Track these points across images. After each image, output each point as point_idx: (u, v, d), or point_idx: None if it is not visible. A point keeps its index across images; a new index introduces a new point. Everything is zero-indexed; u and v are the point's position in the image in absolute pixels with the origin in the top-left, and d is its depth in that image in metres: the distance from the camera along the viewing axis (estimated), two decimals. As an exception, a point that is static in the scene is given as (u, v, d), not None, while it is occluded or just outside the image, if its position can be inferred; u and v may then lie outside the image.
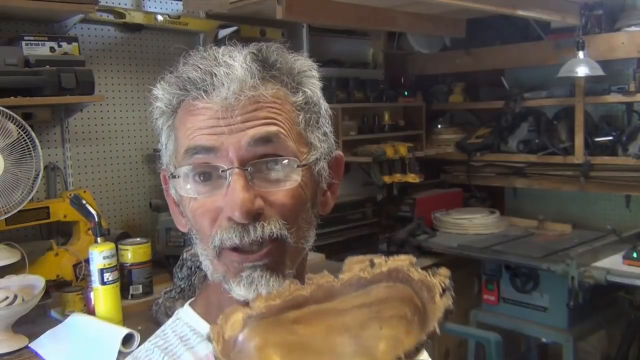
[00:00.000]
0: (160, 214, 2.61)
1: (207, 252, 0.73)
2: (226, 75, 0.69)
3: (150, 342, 0.80)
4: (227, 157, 0.69)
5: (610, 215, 3.37)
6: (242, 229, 0.69)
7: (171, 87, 0.74)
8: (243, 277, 0.71)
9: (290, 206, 0.71)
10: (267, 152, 0.70)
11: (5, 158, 1.94)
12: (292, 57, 0.76)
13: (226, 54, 0.72)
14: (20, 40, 2.19)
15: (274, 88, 0.72)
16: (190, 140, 0.70)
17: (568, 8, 3.02)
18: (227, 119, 0.68)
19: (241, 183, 0.68)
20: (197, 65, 0.72)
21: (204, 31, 2.85)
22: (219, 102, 0.69)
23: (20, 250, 2.03)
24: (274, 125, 0.70)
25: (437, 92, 3.87)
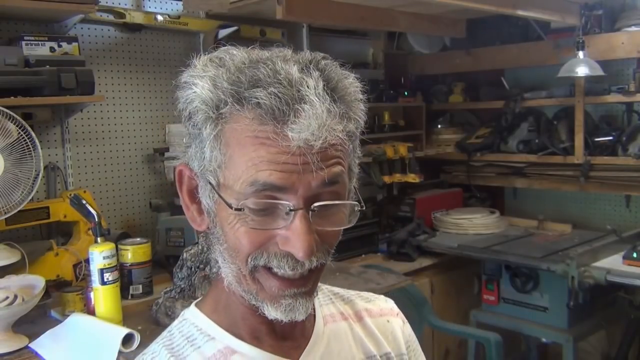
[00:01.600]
0: (160, 214, 2.61)
1: (237, 266, 0.72)
2: (312, 116, 0.64)
3: (157, 343, 0.80)
4: (295, 196, 0.66)
5: (610, 215, 3.37)
6: (296, 262, 0.69)
7: (224, 93, 0.67)
8: (283, 305, 0.71)
9: (337, 238, 0.73)
10: (331, 191, 0.69)
11: (5, 158, 1.94)
12: (344, 77, 0.71)
13: (303, 81, 0.66)
14: (20, 40, 2.19)
15: (341, 124, 0.68)
16: (259, 172, 0.66)
17: (568, 8, 3.02)
18: (302, 157, 0.65)
19: (307, 225, 0.67)
20: (274, 91, 0.65)
21: (204, 31, 2.85)
22: (297, 140, 0.64)
23: (20, 250, 2.03)
24: (340, 166, 0.69)
25: (437, 92, 3.87)
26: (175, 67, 3.13)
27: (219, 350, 0.76)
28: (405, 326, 0.95)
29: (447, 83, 3.86)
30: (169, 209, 2.63)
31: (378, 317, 0.92)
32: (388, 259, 3.10)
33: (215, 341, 0.77)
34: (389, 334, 0.91)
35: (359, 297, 0.94)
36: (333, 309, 0.88)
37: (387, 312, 0.94)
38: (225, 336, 0.77)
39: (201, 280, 1.88)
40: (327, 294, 0.91)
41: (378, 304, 0.95)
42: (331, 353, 0.82)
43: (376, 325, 0.90)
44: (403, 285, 2.45)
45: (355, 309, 0.91)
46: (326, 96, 0.66)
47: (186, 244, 2.22)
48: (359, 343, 0.86)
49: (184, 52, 2.87)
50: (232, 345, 0.77)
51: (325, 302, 0.89)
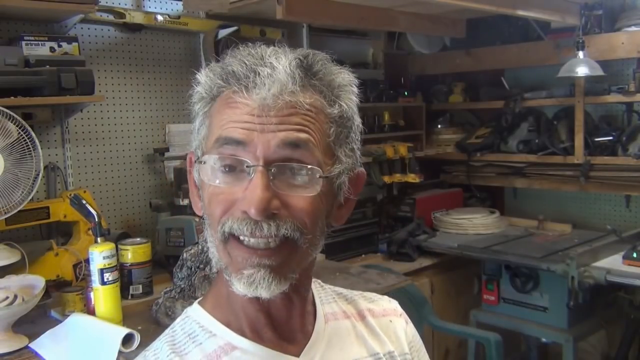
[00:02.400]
0: (160, 214, 2.61)
1: (214, 237, 0.75)
2: (269, 76, 0.71)
3: (160, 340, 0.81)
4: (255, 154, 0.71)
5: (610, 215, 3.37)
6: (254, 224, 0.70)
7: (215, 75, 0.76)
8: (245, 275, 0.71)
9: (306, 212, 0.72)
10: (293, 157, 0.71)
11: (5, 158, 1.94)
12: (336, 70, 0.77)
13: (272, 54, 0.74)
14: (20, 40, 2.19)
15: (312, 97, 0.74)
16: (223, 130, 0.72)
17: (568, 8, 3.02)
18: (262, 118, 0.70)
19: (263, 181, 0.69)
20: (243, 60, 0.73)
21: (204, 31, 2.85)
22: (257, 100, 0.70)
23: (20, 250, 2.03)
24: (305, 133, 0.72)
25: (437, 92, 3.87)
26: (175, 67, 3.14)
27: (220, 346, 0.77)
28: (409, 326, 0.96)
29: (447, 83, 3.86)
30: (169, 209, 2.63)
31: (381, 316, 0.92)
32: (388, 259, 3.10)
33: (216, 337, 0.78)
34: (391, 334, 0.91)
35: (362, 297, 0.95)
36: (335, 307, 0.89)
37: (390, 312, 0.95)
38: (226, 332, 0.79)
39: (201, 280, 1.88)
40: (330, 293, 0.92)
41: (381, 304, 0.95)
42: (332, 350, 0.83)
43: (379, 324, 0.91)
44: (403, 285, 2.45)
45: (358, 309, 0.91)
46: (295, 69, 0.72)
47: (186, 244, 2.22)
48: (362, 341, 0.87)
49: (184, 52, 2.87)
50: (233, 341, 0.78)
51: (328, 300, 0.89)
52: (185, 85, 2.86)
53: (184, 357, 0.77)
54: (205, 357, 0.77)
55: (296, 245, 0.73)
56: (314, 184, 0.72)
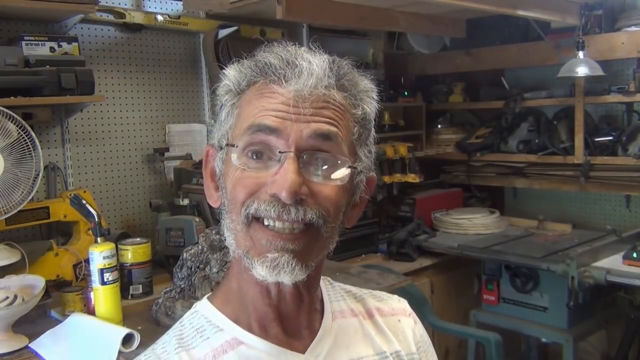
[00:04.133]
0: (160, 214, 2.61)
1: (234, 222, 0.76)
2: (307, 69, 0.74)
3: (169, 334, 0.83)
4: (287, 142, 0.73)
5: (610, 215, 3.37)
6: (282, 207, 0.72)
7: (245, 69, 0.78)
8: (269, 259, 0.73)
9: (331, 201, 0.75)
10: (322, 148, 0.74)
11: (5, 158, 1.94)
12: (359, 75, 0.82)
13: (307, 51, 0.78)
14: (20, 40, 2.19)
15: (341, 95, 0.77)
16: (257, 118, 0.74)
17: (568, 8, 3.02)
18: (297, 108, 0.73)
19: (294, 167, 0.71)
20: (279, 54, 0.77)
21: (204, 31, 2.85)
22: (293, 91, 0.73)
23: (20, 250, 2.03)
24: (335, 127, 0.75)
25: (437, 92, 3.87)
26: (175, 67, 3.14)
27: (227, 341, 0.79)
28: (417, 326, 0.96)
29: (447, 83, 3.86)
30: (169, 209, 2.63)
31: (389, 316, 0.93)
32: (388, 259, 3.10)
33: (223, 332, 0.80)
34: (399, 333, 0.92)
35: (371, 296, 0.95)
36: (344, 305, 0.90)
37: (399, 311, 0.95)
38: (233, 328, 0.80)
39: (201, 280, 1.88)
40: (338, 291, 0.93)
41: (390, 303, 0.96)
42: (339, 348, 0.83)
43: (387, 323, 0.91)
44: (403, 285, 2.45)
45: (366, 307, 0.92)
46: (328, 67, 0.76)
47: (186, 244, 2.22)
48: (369, 339, 0.87)
49: (184, 52, 2.88)
50: (239, 336, 0.79)
51: (337, 298, 0.90)
52: (185, 85, 2.90)
53: (190, 351, 0.79)
54: (212, 351, 0.78)
55: (319, 233, 0.75)
56: (342, 174, 0.76)
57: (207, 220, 2.45)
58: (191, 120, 2.92)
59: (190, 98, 2.91)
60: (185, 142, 2.89)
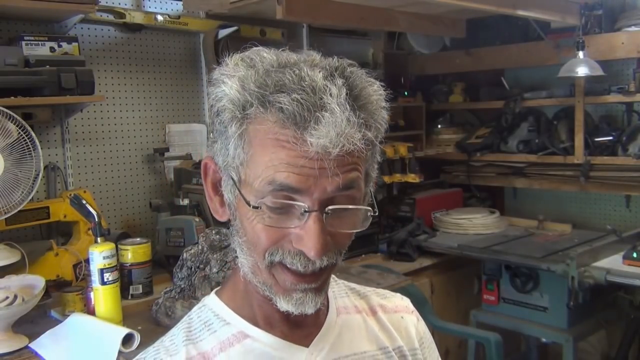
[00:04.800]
0: (160, 214, 2.61)
1: (254, 259, 0.75)
2: (331, 124, 0.66)
3: (177, 327, 0.85)
4: (311, 198, 0.69)
5: (610, 215, 3.37)
6: (308, 261, 0.72)
7: (250, 95, 0.70)
8: (294, 298, 0.75)
9: (350, 240, 0.76)
10: (347, 195, 0.72)
11: (5, 158, 1.94)
12: (369, 85, 0.74)
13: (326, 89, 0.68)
14: (20, 40, 2.19)
15: (361, 132, 0.69)
16: (277, 173, 0.68)
17: (568, 8, 3.02)
18: (319, 162, 0.68)
19: (320, 226, 0.70)
20: (297, 97, 0.67)
21: (204, 31, 2.86)
22: (316, 145, 0.66)
23: (20, 250, 2.03)
24: (357, 172, 0.72)
25: (437, 92, 3.87)
26: (175, 67, 3.13)
27: (233, 334, 0.81)
28: (420, 323, 0.97)
29: (447, 83, 3.86)
30: (169, 209, 2.63)
31: (392, 313, 0.94)
32: (388, 259, 3.10)
33: (230, 326, 0.82)
34: (402, 330, 0.93)
35: (374, 293, 0.97)
36: (347, 302, 0.91)
37: (402, 309, 0.96)
38: (239, 321, 0.82)
39: (201, 280, 1.88)
40: (343, 287, 0.94)
41: (393, 301, 0.97)
42: (342, 342, 0.85)
43: (390, 320, 0.93)
44: (403, 285, 2.45)
45: (370, 304, 0.93)
46: (347, 105, 0.68)
47: (186, 244, 2.22)
48: (372, 335, 0.89)
49: (184, 52, 2.88)
50: (246, 330, 0.81)
51: (341, 295, 0.92)
52: (186, 85, 2.90)
53: (198, 344, 0.81)
54: (218, 344, 0.80)
55: (336, 265, 0.76)
56: (364, 220, 0.75)
57: (207, 220, 2.45)
58: (191, 120, 2.92)
59: (190, 98, 2.91)
60: (185, 142, 2.89)
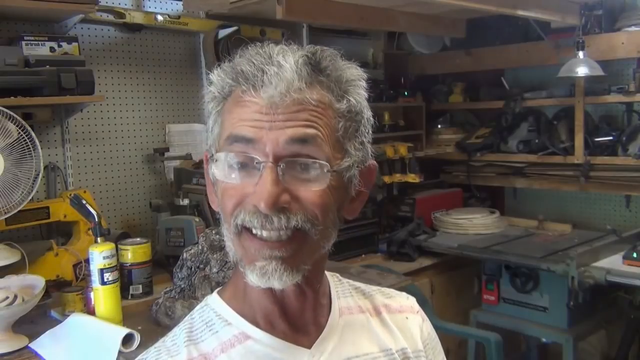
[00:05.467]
0: (160, 214, 2.61)
1: (228, 230, 0.77)
2: (276, 75, 0.72)
3: (179, 327, 0.84)
4: (264, 151, 0.72)
5: (610, 215, 3.37)
6: (264, 217, 0.72)
7: (226, 75, 0.77)
8: (257, 267, 0.74)
9: (317, 205, 0.74)
10: (302, 153, 0.73)
11: (5, 158, 1.94)
12: (344, 65, 0.80)
13: (280, 53, 0.75)
14: (20, 40, 2.19)
15: (319, 93, 0.75)
16: (234, 129, 0.74)
17: (568, 8, 3.02)
18: (270, 115, 0.72)
19: (272, 177, 0.71)
20: (251, 59, 0.75)
21: (204, 31, 2.86)
22: (265, 98, 0.72)
23: (20, 250, 2.03)
24: (313, 129, 0.73)
25: (437, 92, 3.87)
26: (175, 67, 3.13)
27: (234, 335, 0.80)
28: (425, 324, 0.96)
29: (447, 83, 3.86)
30: (169, 209, 2.63)
31: (397, 313, 0.93)
32: (388, 259, 3.10)
33: (231, 326, 0.81)
34: (406, 330, 0.92)
35: (379, 293, 0.96)
36: (351, 302, 0.90)
37: (407, 309, 0.95)
38: (241, 322, 0.81)
39: (201, 280, 1.88)
40: (347, 287, 0.93)
41: (398, 300, 0.96)
42: (344, 344, 0.84)
43: (394, 321, 0.92)
44: (403, 285, 2.45)
45: (374, 304, 0.92)
46: (302, 67, 0.74)
47: (186, 244, 2.22)
48: (375, 336, 0.88)
49: (184, 52, 2.88)
50: (247, 331, 0.80)
51: (344, 294, 0.91)
52: (186, 85, 2.90)
53: (199, 344, 0.80)
54: (220, 344, 0.80)
55: (307, 236, 0.74)
56: (323, 178, 0.74)
57: (207, 220, 2.45)
58: (191, 120, 2.92)
59: (190, 98, 2.91)
60: (185, 142, 2.89)
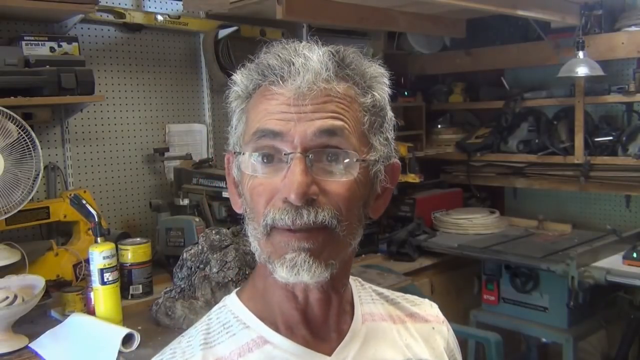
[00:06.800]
0: (160, 214, 2.61)
1: (257, 231, 0.75)
2: (303, 65, 0.72)
3: (196, 328, 0.82)
4: (292, 143, 0.71)
5: (610, 215, 3.37)
6: (295, 212, 0.71)
7: (250, 73, 0.78)
8: (287, 259, 0.72)
9: (344, 198, 0.73)
10: (330, 144, 0.73)
11: (5, 158, 1.94)
12: (367, 62, 0.79)
13: (306, 47, 0.75)
14: (20, 40, 2.19)
15: (345, 86, 0.75)
16: (261, 123, 0.74)
17: (568, 8, 3.02)
18: (298, 107, 0.72)
19: (301, 167, 0.70)
20: (277, 54, 0.75)
21: (204, 31, 2.85)
22: (293, 89, 0.72)
23: (20, 250, 2.03)
24: (340, 120, 0.73)
25: (437, 92, 3.87)
26: (175, 67, 3.13)
27: (252, 339, 0.78)
28: (450, 334, 0.94)
29: (447, 83, 3.86)
30: (169, 209, 2.63)
31: (423, 322, 0.91)
32: (388, 259, 3.10)
33: (249, 330, 0.79)
34: (431, 341, 0.89)
35: (404, 300, 0.93)
36: (374, 308, 0.88)
37: (433, 318, 0.93)
38: (260, 326, 0.79)
39: (201, 280, 1.88)
40: (370, 292, 0.91)
41: (424, 309, 0.93)
42: (366, 352, 0.81)
43: (419, 330, 0.89)
44: (403, 285, 2.45)
45: (398, 311, 0.90)
46: (328, 60, 0.74)
47: (186, 244, 2.22)
48: (397, 345, 0.85)
49: (184, 52, 2.88)
50: (266, 335, 0.78)
51: (367, 300, 0.88)
52: (186, 85, 2.90)
53: (214, 347, 0.78)
54: (237, 348, 0.78)
55: (333, 232, 0.73)
56: (351, 168, 0.74)
57: (207, 220, 2.45)
58: (191, 120, 2.92)
59: (190, 98, 2.91)
60: (185, 142, 2.89)
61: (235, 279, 1.86)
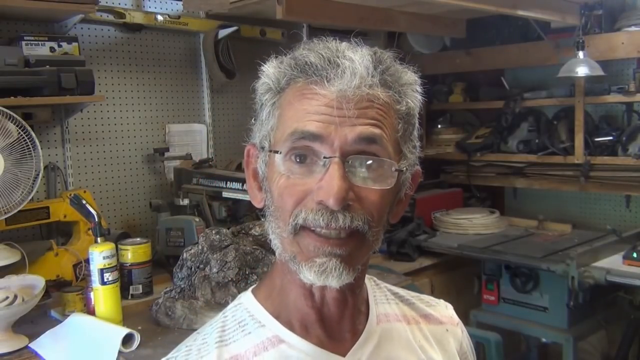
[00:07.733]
0: (160, 214, 2.61)
1: (281, 229, 0.74)
2: (349, 68, 0.71)
3: (212, 325, 0.82)
4: (332, 147, 0.70)
5: (610, 215, 3.37)
6: (330, 214, 0.70)
7: (285, 67, 0.75)
8: (317, 264, 0.71)
9: (377, 205, 0.73)
10: (368, 151, 0.72)
11: (5, 158, 1.94)
12: (402, 68, 0.78)
13: (349, 48, 0.74)
14: (20, 40, 2.19)
15: (385, 92, 0.74)
16: (300, 123, 0.72)
17: (568, 8, 3.02)
18: (341, 110, 0.70)
19: (340, 172, 0.69)
20: (320, 52, 0.73)
21: (204, 31, 2.86)
22: (336, 92, 0.70)
23: (20, 250, 2.03)
24: (379, 128, 0.72)
25: (437, 92, 3.87)
26: (175, 67, 3.13)
27: (268, 338, 0.78)
28: (464, 336, 0.94)
29: (447, 83, 3.86)
30: (169, 209, 2.63)
31: (437, 324, 0.91)
32: (388, 259, 3.09)
33: (265, 328, 0.79)
34: (445, 343, 0.89)
35: (419, 300, 0.93)
36: (389, 309, 0.88)
37: (447, 320, 0.93)
38: (275, 325, 0.79)
39: (201, 280, 1.88)
40: (385, 292, 0.91)
41: (439, 310, 0.93)
42: (380, 353, 0.81)
43: (433, 332, 0.89)
44: (403, 286, 2.44)
45: (413, 312, 0.90)
46: (370, 63, 0.73)
47: (186, 244, 2.22)
48: (412, 347, 0.85)
49: (184, 52, 2.88)
50: (281, 334, 0.78)
51: (382, 301, 0.88)
52: (186, 85, 2.90)
53: (230, 345, 0.78)
54: (253, 347, 0.77)
55: (364, 238, 0.73)
56: (387, 177, 0.73)
57: (207, 220, 2.45)
58: (191, 120, 2.92)
59: (190, 98, 2.91)
60: (185, 142, 2.89)
61: (235, 279, 1.86)
